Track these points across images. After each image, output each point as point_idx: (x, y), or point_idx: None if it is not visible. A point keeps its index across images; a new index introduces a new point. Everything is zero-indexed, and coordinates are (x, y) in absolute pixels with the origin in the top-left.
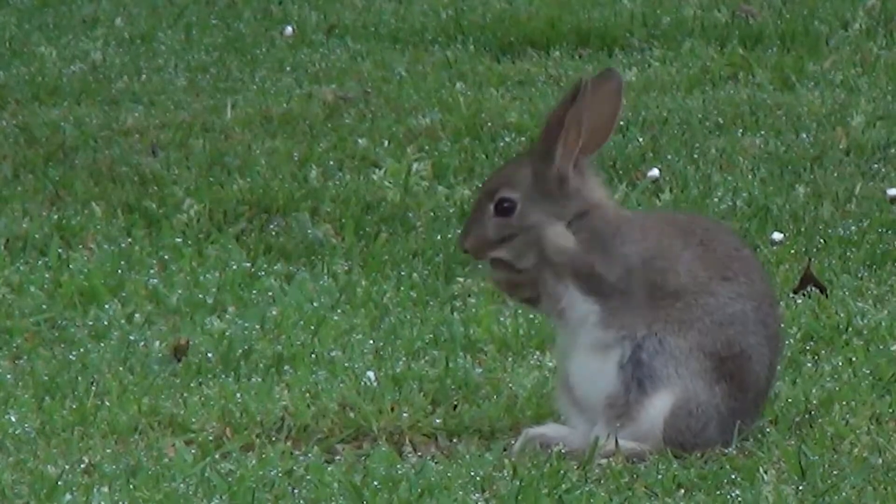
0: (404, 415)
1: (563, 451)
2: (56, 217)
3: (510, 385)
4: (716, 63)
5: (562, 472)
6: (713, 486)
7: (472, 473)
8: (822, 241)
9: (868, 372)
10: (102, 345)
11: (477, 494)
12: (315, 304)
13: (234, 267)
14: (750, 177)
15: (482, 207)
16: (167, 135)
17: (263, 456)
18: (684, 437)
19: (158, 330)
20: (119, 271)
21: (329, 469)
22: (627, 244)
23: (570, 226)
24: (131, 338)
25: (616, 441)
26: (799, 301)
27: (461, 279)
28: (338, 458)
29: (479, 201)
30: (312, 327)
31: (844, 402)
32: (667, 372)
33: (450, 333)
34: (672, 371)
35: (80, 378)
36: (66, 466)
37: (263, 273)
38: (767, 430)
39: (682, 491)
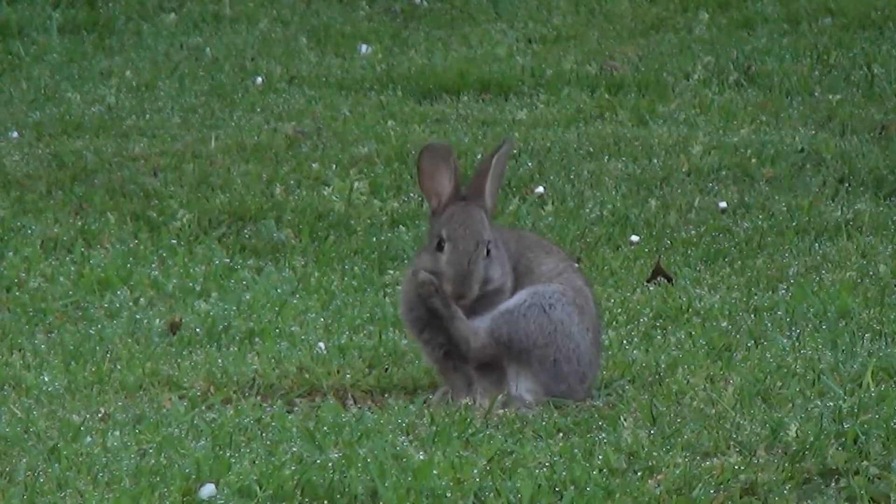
0: (347, 376)
1: (469, 403)
2: (79, 223)
3: None
4: (587, 105)
5: (468, 419)
6: (584, 430)
7: (399, 420)
8: (669, 241)
9: (704, 343)
10: (115, 322)
11: (403, 437)
12: (279, 291)
13: (217, 262)
14: (614, 192)
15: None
16: (165, 160)
17: (239, 407)
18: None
19: (158, 310)
20: (128, 265)
21: (289, 417)
22: None
23: None
24: (137, 316)
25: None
26: (651, 288)
27: (391, 271)
28: (296, 409)
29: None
30: (277, 308)
31: (686, 366)
32: None
33: (383, 313)
34: None
35: (97, 347)
36: (87, 415)
37: (239, 267)
38: (626, 387)
39: (561, 434)
